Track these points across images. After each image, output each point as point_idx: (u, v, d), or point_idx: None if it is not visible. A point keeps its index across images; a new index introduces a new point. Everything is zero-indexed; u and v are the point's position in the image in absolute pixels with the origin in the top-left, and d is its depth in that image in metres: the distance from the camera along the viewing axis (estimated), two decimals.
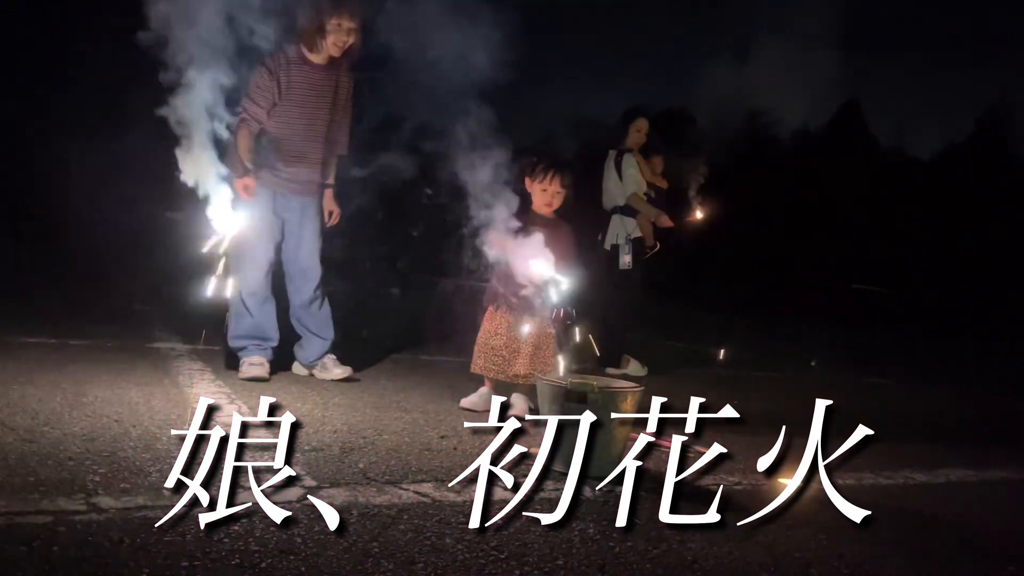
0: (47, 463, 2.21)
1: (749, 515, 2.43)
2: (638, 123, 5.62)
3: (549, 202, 3.67)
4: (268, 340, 3.99)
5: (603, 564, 1.89)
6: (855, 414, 4.03)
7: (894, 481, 3.10)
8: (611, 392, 2.73)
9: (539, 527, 2.10)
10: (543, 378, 2.84)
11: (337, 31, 3.78)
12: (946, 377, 7.94)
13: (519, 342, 3.62)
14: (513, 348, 3.63)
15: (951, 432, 4.38)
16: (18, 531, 1.72)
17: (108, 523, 1.81)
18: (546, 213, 3.69)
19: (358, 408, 3.45)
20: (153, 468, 2.26)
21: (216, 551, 1.72)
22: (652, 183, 5.68)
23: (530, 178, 3.68)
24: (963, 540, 2.38)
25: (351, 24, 3.77)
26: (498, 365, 3.66)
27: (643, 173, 5.62)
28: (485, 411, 3.63)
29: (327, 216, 4.14)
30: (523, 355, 3.61)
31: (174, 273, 4.11)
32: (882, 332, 14.73)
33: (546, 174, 3.63)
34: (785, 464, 3.15)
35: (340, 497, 2.17)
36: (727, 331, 11.97)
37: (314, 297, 4.08)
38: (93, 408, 2.94)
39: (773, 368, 7.26)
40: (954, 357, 10.87)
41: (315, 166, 4.04)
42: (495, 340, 3.68)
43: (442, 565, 1.78)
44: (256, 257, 3.90)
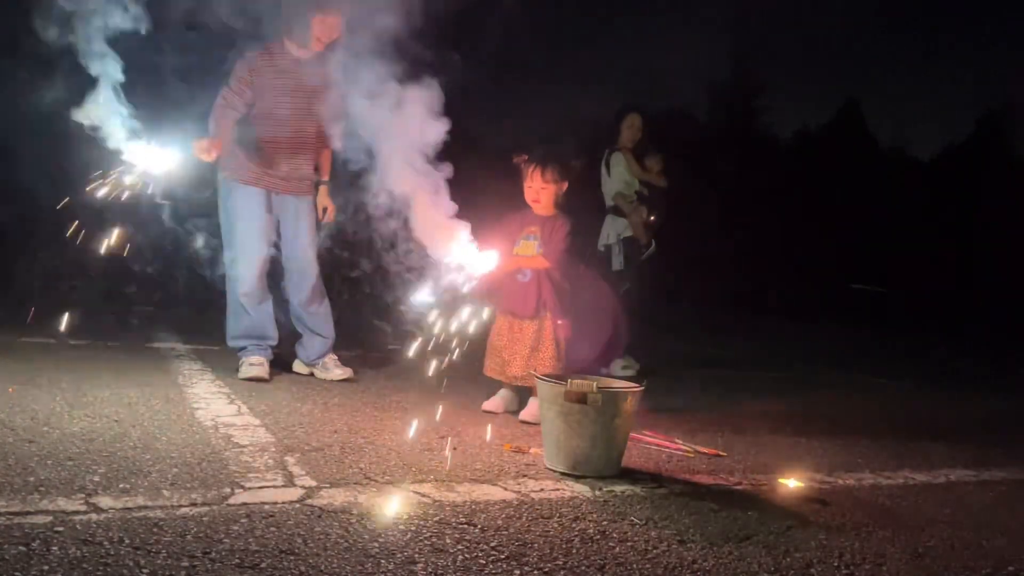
0: (47, 463, 2.21)
1: (749, 515, 2.44)
2: (629, 119, 5.60)
3: (535, 198, 3.64)
4: (267, 339, 3.99)
5: (603, 564, 1.89)
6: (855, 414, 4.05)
7: (894, 481, 3.10)
8: (611, 392, 2.73)
9: (539, 527, 2.10)
10: (543, 378, 2.83)
11: (321, 25, 3.77)
12: (945, 377, 7.93)
13: (518, 343, 3.62)
14: (513, 349, 3.63)
15: (951, 432, 4.37)
16: (18, 531, 1.72)
17: (108, 523, 1.81)
18: (538, 210, 3.66)
19: (358, 408, 3.45)
20: (153, 468, 2.26)
21: (216, 551, 1.72)
22: (647, 181, 5.63)
23: (521, 176, 3.68)
24: (963, 540, 2.38)
25: (335, 18, 3.76)
26: (499, 365, 3.66)
27: (632, 170, 5.57)
28: (505, 413, 3.64)
29: (321, 213, 4.14)
30: (520, 356, 3.61)
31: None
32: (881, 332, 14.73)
33: (527, 170, 3.62)
34: (785, 464, 3.16)
35: (340, 497, 2.17)
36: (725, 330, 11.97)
37: (313, 295, 4.08)
38: (93, 408, 2.94)
39: (773, 368, 7.26)
40: (954, 357, 10.87)
41: (308, 163, 4.03)
42: (498, 340, 3.68)
43: (442, 565, 1.78)
44: (251, 256, 3.89)
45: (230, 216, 3.92)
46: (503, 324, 3.67)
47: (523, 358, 3.59)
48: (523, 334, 3.61)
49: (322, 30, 3.77)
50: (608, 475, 2.70)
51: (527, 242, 3.66)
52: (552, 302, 3.59)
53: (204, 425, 2.85)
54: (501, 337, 3.67)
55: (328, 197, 4.16)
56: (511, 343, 3.63)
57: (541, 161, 3.61)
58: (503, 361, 3.64)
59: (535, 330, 3.60)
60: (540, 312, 3.60)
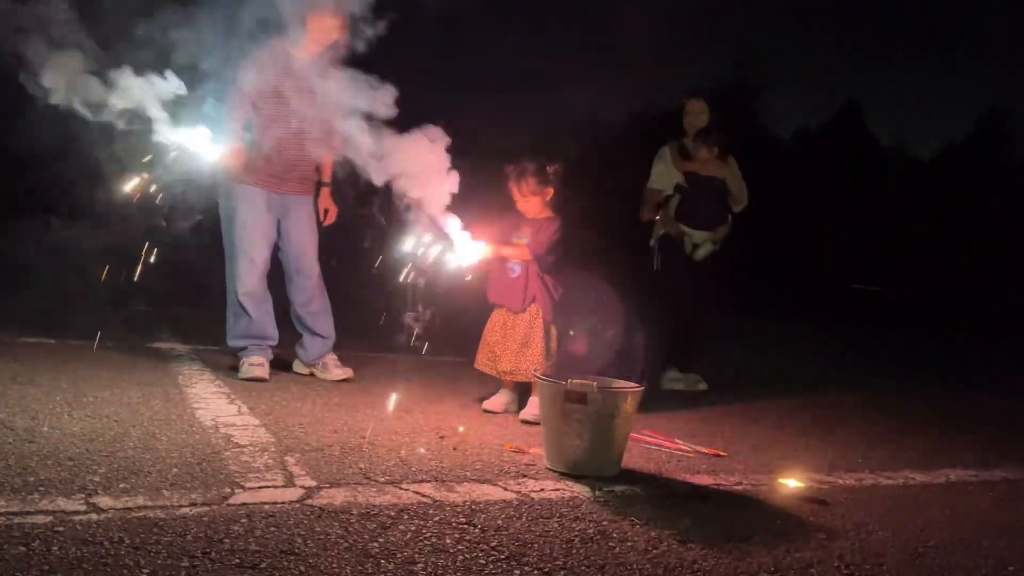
0: (47, 463, 2.21)
1: (749, 515, 2.44)
2: (688, 107, 5.12)
3: (523, 205, 3.73)
4: (267, 339, 3.99)
5: (603, 564, 1.89)
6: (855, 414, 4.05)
7: (894, 481, 3.10)
8: (611, 392, 2.73)
9: (539, 527, 2.10)
10: (543, 378, 2.84)
11: (320, 27, 3.77)
12: (946, 377, 7.93)
13: (510, 338, 3.66)
14: (504, 344, 3.68)
15: (951, 432, 4.37)
16: (18, 531, 1.72)
17: (108, 523, 1.81)
18: (529, 214, 3.74)
19: (358, 408, 3.45)
20: (153, 468, 2.26)
21: (216, 551, 1.72)
22: (692, 172, 5.02)
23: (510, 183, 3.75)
24: (963, 540, 2.38)
25: (334, 20, 3.76)
26: (490, 360, 3.70)
27: (676, 164, 5.04)
28: (505, 412, 3.66)
29: (322, 215, 4.14)
30: (510, 351, 3.65)
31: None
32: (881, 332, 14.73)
33: (516, 178, 3.69)
34: (785, 464, 3.16)
35: (340, 497, 2.17)
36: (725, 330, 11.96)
37: (313, 296, 4.08)
38: (93, 408, 2.94)
39: (773, 368, 7.26)
40: (953, 357, 10.87)
41: (309, 164, 4.03)
42: (491, 335, 3.72)
43: (442, 565, 1.78)
44: (251, 256, 3.89)
45: (230, 215, 3.92)
46: (497, 319, 3.73)
47: (513, 352, 3.65)
48: (515, 329, 3.68)
49: (319, 30, 3.77)
50: (608, 475, 2.70)
51: (519, 243, 3.74)
52: (541, 297, 3.66)
53: (204, 425, 2.85)
54: (494, 332, 3.72)
55: (330, 199, 4.16)
56: (503, 338, 3.69)
57: (519, 175, 3.69)
58: (495, 356, 3.69)
59: (526, 325, 3.66)
60: (529, 307, 3.66)
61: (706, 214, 5.02)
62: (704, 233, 5.02)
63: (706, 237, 5.02)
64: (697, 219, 5.01)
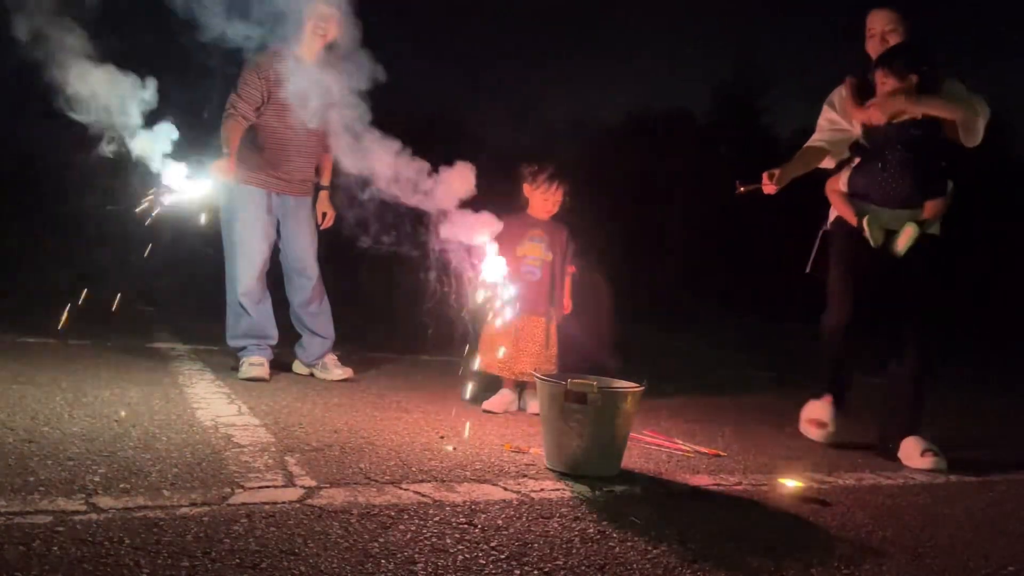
0: (47, 463, 2.21)
1: (749, 515, 2.44)
2: (869, 23, 3.63)
3: (549, 209, 3.83)
4: (267, 339, 3.99)
5: (603, 564, 1.89)
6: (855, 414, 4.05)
7: (894, 481, 3.10)
8: (611, 392, 2.73)
9: (539, 527, 2.10)
10: (543, 378, 2.84)
11: (316, 23, 3.77)
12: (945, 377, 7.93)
13: (530, 340, 3.70)
14: (521, 346, 3.71)
15: (951, 432, 4.37)
16: (18, 531, 1.71)
17: (108, 523, 1.81)
18: (543, 217, 3.85)
19: (358, 408, 3.45)
20: (153, 468, 2.26)
21: (216, 551, 1.72)
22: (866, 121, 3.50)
23: (531, 185, 3.83)
24: (963, 540, 2.38)
25: (329, 15, 3.76)
26: (504, 361, 3.71)
27: (854, 110, 3.54)
28: (505, 413, 3.67)
29: (320, 218, 4.15)
30: (528, 353, 3.69)
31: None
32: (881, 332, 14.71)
33: (550, 184, 3.79)
34: (785, 464, 3.16)
35: (340, 497, 2.17)
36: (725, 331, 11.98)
37: (313, 296, 4.08)
38: (93, 408, 2.94)
39: (773, 368, 7.26)
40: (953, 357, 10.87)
41: (309, 165, 4.04)
42: (503, 337, 3.74)
43: (442, 565, 1.78)
44: (250, 256, 3.90)
45: (230, 216, 3.92)
46: (514, 320, 3.74)
47: (532, 355, 3.70)
48: (536, 331, 3.73)
49: (317, 30, 3.77)
50: (608, 475, 2.70)
51: (532, 244, 3.81)
52: (560, 298, 3.77)
53: (204, 425, 2.85)
54: (509, 334, 3.71)
55: (328, 202, 4.16)
56: (520, 339, 3.72)
57: (558, 177, 3.80)
58: (510, 356, 3.70)
59: (546, 327, 3.73)
60: (550, 310, 3.76)
61: (901, 184, 3.44)
62: (902, 212, 3.46)
63: (905, 218, 3.45)
64: (887, 192, 3.46)
